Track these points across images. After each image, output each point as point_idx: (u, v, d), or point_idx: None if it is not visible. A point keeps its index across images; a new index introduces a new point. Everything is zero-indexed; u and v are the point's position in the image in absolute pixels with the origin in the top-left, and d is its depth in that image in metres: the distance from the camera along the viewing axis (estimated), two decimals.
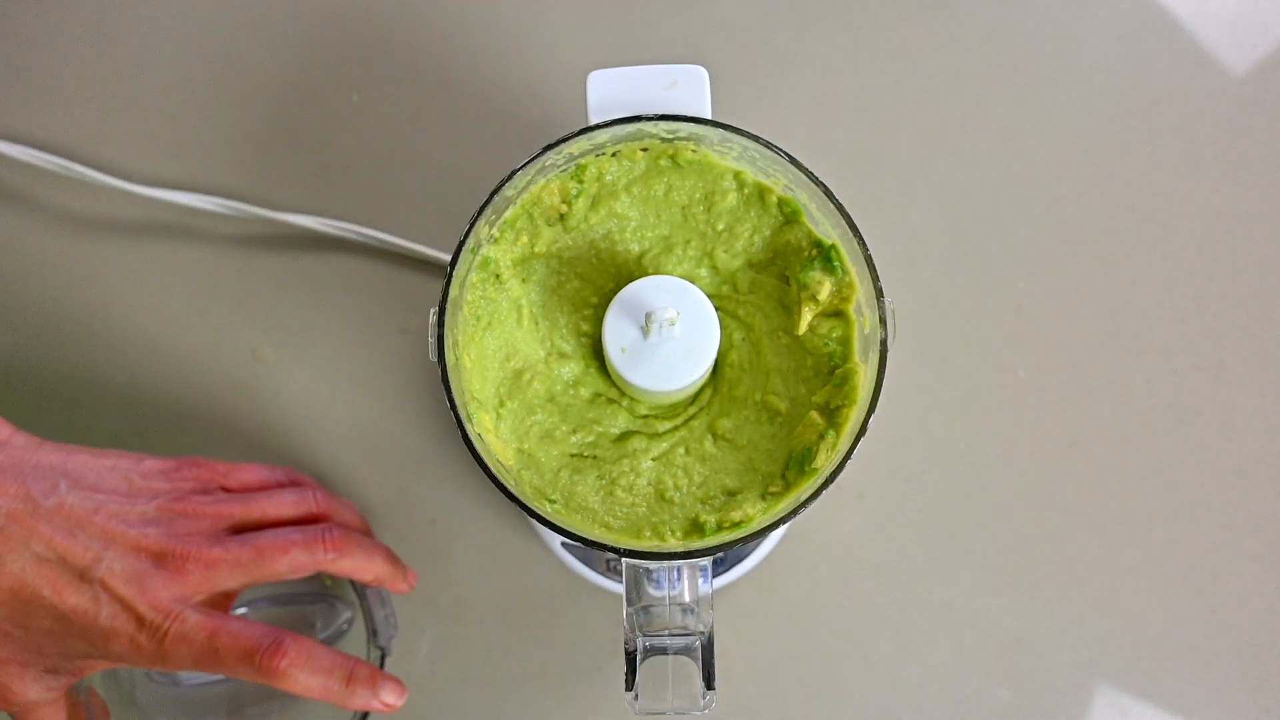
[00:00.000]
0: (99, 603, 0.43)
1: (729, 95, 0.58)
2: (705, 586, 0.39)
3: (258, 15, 0.60)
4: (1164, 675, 0.54)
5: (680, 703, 0.40)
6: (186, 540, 0.45)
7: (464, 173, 0.58)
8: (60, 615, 0.43)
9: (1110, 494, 0.55)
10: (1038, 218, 0.58)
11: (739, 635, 0.54)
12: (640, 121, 0.40)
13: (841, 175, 0.58)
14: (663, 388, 0.40)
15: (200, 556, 0.44)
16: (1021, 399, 0.56)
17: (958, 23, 0.60)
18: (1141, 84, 0.59)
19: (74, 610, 0.43)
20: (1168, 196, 0.58)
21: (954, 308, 0.57)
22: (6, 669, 0.44)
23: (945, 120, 0.59)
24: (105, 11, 0.60)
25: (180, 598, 0.44)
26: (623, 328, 0.40)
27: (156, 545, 0.44)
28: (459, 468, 0.56)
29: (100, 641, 0.43)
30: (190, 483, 0.48)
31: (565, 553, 0.54)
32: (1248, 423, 0.55)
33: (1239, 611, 0.54)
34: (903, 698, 0.54)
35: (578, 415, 0.42)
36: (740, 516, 0.39)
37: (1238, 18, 0.60)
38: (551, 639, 0.54)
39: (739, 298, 0.42)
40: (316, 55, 0.60)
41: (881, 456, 0.55)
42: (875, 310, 0.39)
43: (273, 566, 0.46)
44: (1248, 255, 0.57)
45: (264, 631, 0.44)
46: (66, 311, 0.57)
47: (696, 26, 0.60)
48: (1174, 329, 0.56)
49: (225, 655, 0.43)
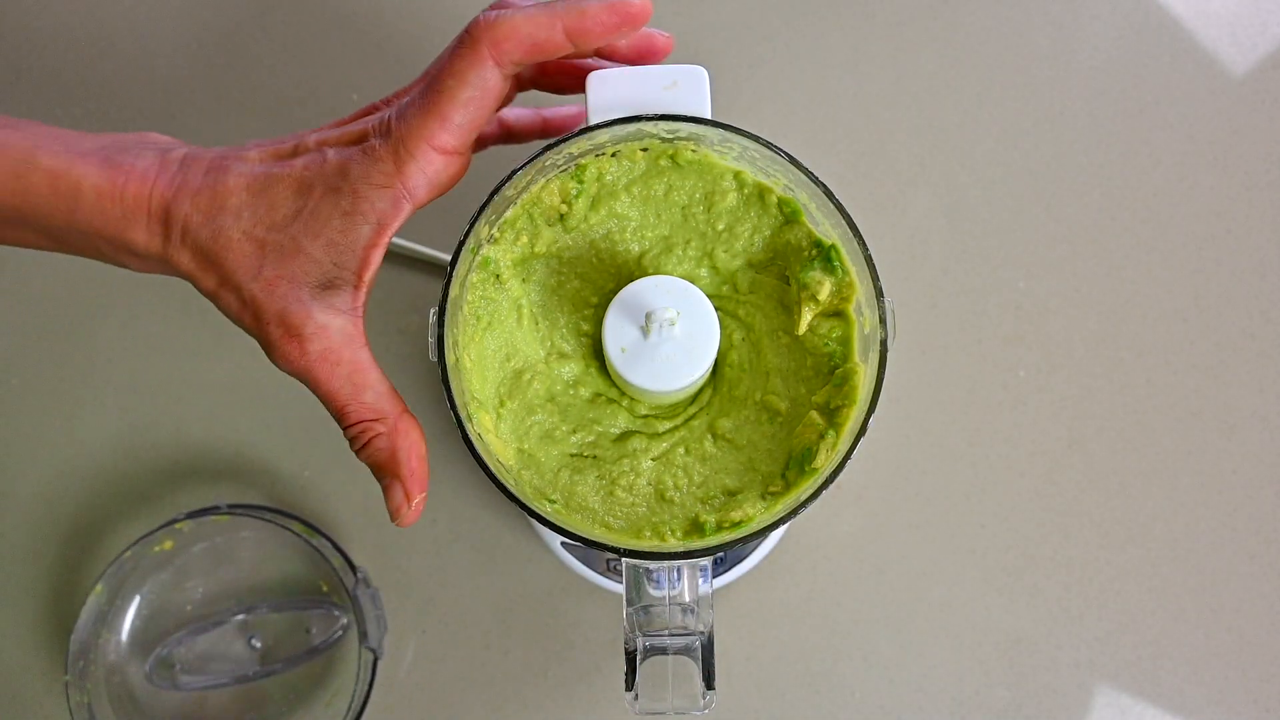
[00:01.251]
0: (323, 152, 0.40)
1: (729, 95, 0.58)
2: (705, 586, 0.39)
3: (258, 15, 0.60)
4: (1164, 675, 0.54)
5: (680, 703, 0.40)
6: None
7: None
8: (295, 182, 0.39)
9: (1110, 494, 0.55)
10: (1038, 218, 0.58)
11: (739, 635, 0.54)
12: (640, 122, 0.40)
13: (841, 175, 0.58)
14: (663, 388, 0.40)
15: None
16: (1021, 399, 0.56)
17: (958, 23, 0.60)
18: (1141, 84, 0.59)
19: (305, 168, 0.40)
20: (1168, 196, 0.58)
21: (954, 307, 0.57)
22: (276, 290, 0.39)
23: (945, 120, 0.59)
24: (105, 11, 0.60)
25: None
26: (623, 328, 0.40)
27: (357, 128, 0.41)
28: (459, 468, 0.56)
29: (338, 179, 0.39)
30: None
31: (565, 553, 0.54)
32: (1248, 423, 0.55)
33: (1239, 611, 0.54)
34: (903, 698, 0.54)
35: (577, 415, 0.42)
36: (740, 516, 0.39)
37: (1238, 18, 0.60)
38: (551, 639, 0.54)
39: (739, 298, 0.42)
40: (317, 54, 0.60)
41: (881, 456, 0.55)
42: (875, 310, 0.39)
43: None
44: (1248, 255, 0.57)
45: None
46: (67, 311, 0.57)
47: (696, 26, 0.60)
48: (1174, 329, 0.56)
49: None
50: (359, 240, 0.39)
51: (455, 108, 0.39)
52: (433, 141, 0.39)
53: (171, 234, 0.40)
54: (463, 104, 0.39)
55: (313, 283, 0.39)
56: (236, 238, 0.39)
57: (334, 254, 0.39)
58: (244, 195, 0.39)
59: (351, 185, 0.39)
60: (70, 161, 0.39)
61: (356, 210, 0.39)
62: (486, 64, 0.38)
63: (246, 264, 0.39)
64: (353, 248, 0.39)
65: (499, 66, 0.39)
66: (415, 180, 0.39)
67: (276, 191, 0.40)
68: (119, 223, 0.40)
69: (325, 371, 0.39)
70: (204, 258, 0.40)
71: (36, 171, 0.39)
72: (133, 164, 0.40)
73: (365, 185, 0.39)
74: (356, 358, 0.39)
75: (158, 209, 0.40)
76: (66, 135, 0.41)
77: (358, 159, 0.39)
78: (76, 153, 0.40)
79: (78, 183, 0.39)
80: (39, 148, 0.40)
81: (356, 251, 0.39)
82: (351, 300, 0.39)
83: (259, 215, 0.39)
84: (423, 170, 0.39)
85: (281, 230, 0.39)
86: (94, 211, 0.40)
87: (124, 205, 0.39)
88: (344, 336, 0.39)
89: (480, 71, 0.39)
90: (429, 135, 0.39)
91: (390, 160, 0.39)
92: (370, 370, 0.40)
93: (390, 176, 0.39)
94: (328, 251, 0.39)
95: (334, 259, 0.39)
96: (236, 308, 0.40)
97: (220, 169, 0.40)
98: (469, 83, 0.39)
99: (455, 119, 0.39)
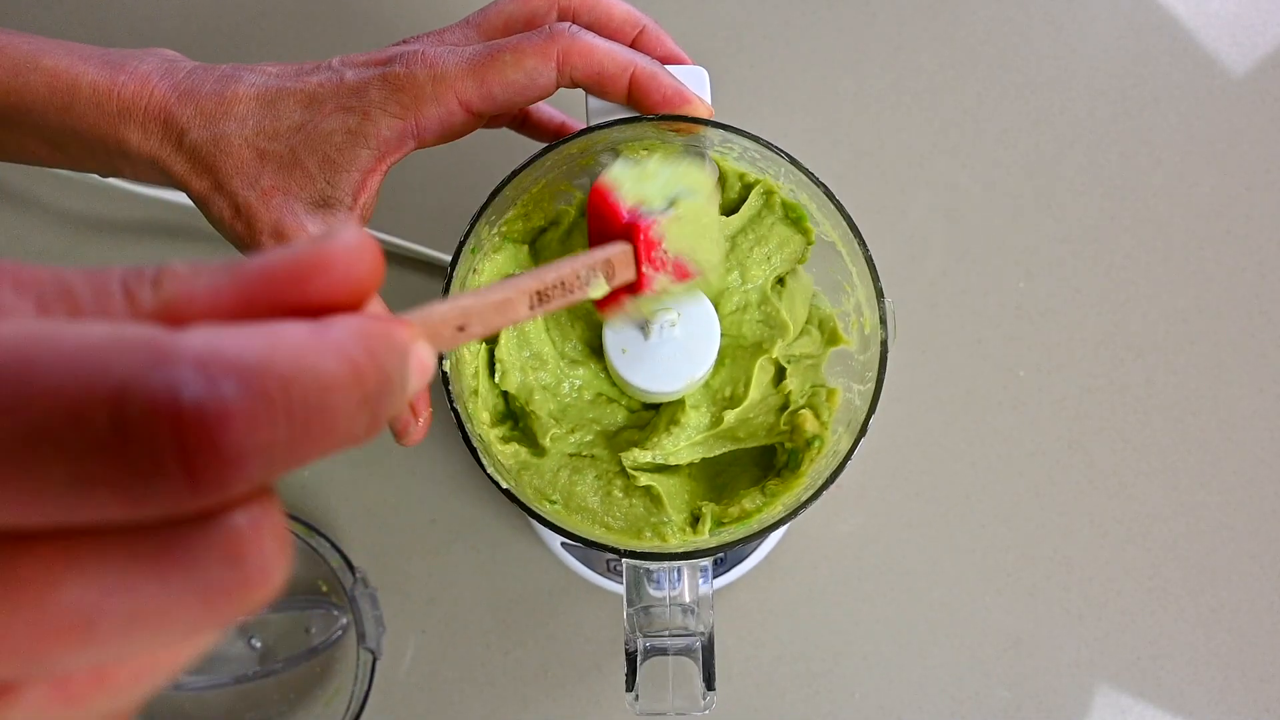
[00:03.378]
0: (341, 71, 0.40)
1: (729, 95, 0.58)
2: (705, 587, 0.39)
3: (258, 14, 0.60)
4: (1164, 675, 0.54)
5: (681, 703, 0.40)
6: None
7: (464, 173, 0.58)
8: (306, 96, 0.39)
9: (1110, 494, 0.55)
10: (1038, 218, 0.58)
11: (739, 635, 0.54)
12: (641, 122, 0.40)
13: (841, 175, 0.58)
14: (663, 389, 0.40)
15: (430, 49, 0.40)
16: (1021, 399, 0.56)
17: (958, 22, 0.60)
18: (1141, 84, 0.59)
19: (319, 84, 0.40)
20: (1168, 196, 0.58)
21: (954, 308, 0.57)
22: (272, 200, 0.39)
23: (945, 120, 0.59)
24: (105, 11, 0.60)
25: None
26: (624, 329, 0.40)
27: (384, 54, 0.41)
28: (459, 468, 0.56)
29: (351, 99, 0.39)
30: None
31: (565, 553, 0.54)
32: (1248, 423, 0.55)
33: (1239, 611, 0.54)
34: (903, 698, 0.54)
35: (577, 415, 0.42)
36: (739, 512, 0.39)
37: (1238, 18, 0.60)
38: (551, 639, 0.54)
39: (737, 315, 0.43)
40: (317, 54, 0.60)
41: (881, 456, 0.55)
42: (875, 310, 0.39)
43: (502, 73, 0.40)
44: (1248, 255, 0.57)
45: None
46: None
47: (696, 26, 0.60)
48: (1174, 329, 0.56)
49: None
50: (356, 162, 0.39)
51: (500, 82, 0.39)
52: (462, 96, 0.39)
53: (169, 136, 0.39)
54: (508, 83, 0.39)
55: (308, 199, 0.39)
56: (237, 144, 0.39)
57: (329, 171, 0.39)
58: (252, 104, 0.39)
59: (364, 106, 0.39)
60: (71, 62, 0.39)
61: (361, 131, 0.39)
62: (550, 63, 0.39)
63: (245, 171, 0.39)
64: (349, 169, 0.39)
65: (558, 71, 0.39)
66: (429, 121, 0.39)
67: (285, 103, 0.39)
68: (113, 120, 0.39)
69: None
70: (199, 161, 0.39)
71: (36, 71, 0.39)
72: (135, 66, 0.40)
73: (378, 110, 0.39)
74: None
75: (156, 109, 0.39)
76: (74, 44, 0.41)
77: (377, 84, 0.39)
78: (78, 55, 0.40)
79: (75, 80, 0.39)
80: (42, 51, 0.40)
81: (353, 174, 0.39)
82: (346, 221, 0.39)
83: (263, 124, 0.39)
84: (440, 116, 0.39)
85: (282, 140, 0.39)
86: (89, 107, 0.39)
87: (120, 103, 0.39)
88: None
89: (540, 65, 0.39)
90: (462, 89, 0.39)
91: (411, 93, 0.39)
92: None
93: (406, 109, 0.39)
94: (323, 168, 0.39)
95: (328, 177, 0.39)
96: (229, 215, 0.39)
97: (232, 78, 0.40)
98: (525, 69, 0.39)
99: (494, 89, 0.39)
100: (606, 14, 0.42)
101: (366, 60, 0.40)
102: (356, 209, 0.39)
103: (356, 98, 0.39)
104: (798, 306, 0.42)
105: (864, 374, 0.39)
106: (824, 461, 0.39)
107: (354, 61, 0.40)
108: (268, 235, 0.39)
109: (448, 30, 0.42)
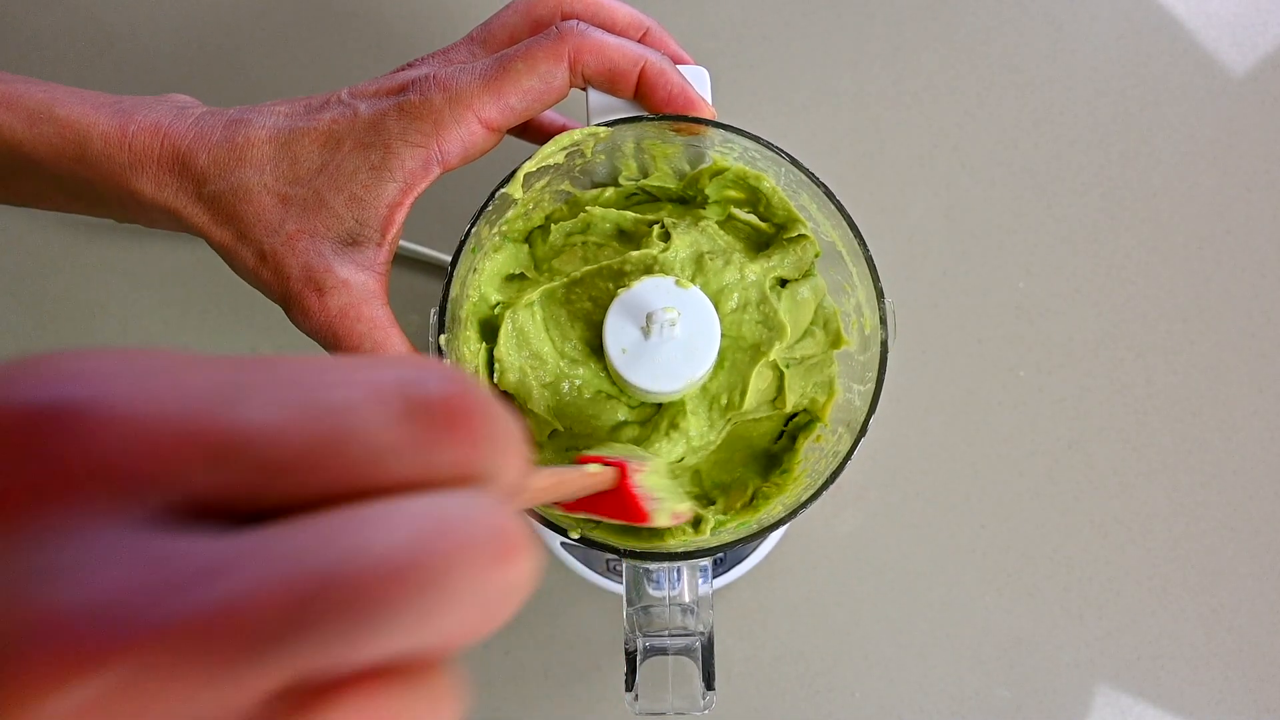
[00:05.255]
0: (354, 105, 0.39)
1: (729, 95, 0.58)
2: (705, 587, 0.39)
3: (258, 14, 0.60)
4: (1164, 675, 0.54)
5: (680, 703, 0.40)
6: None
7: (464, 173, 0.58)
8: (322, 136, 0.39)
9: (1110, 494, 0.55)
10: (1038, 218, 0.58)
11: (739, 635, 0.54)
12: (641, 122, 0.40)
13: (841, 175, 0.58)
14: (663, 388, 0.40)
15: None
16: (1021, 399, 0.56)
17: (958, 22, 0.60)
18: (1141, 84, 0.59)
19: (333, 121, 0.39)
20: (1168, 196, 0.58)
21: (954, 308, 0.57)
22: (298, 245, 0.39)
23: (945, 120, 0.59)
24: (105, 11, 0.60)
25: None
26: (624, 328, 0.40)
27: (395, 82, 0.40)
28: None
29: (370, 133, 0.39)
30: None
31: (565, 553, 0.54)
32: (1248, 423, 0.55)
33: (1239, 611, 0.54)
34: (903, 698, 0.54)
35: (577, 414, 0.42)
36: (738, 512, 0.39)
37: (1238, 18, 0.60)
38: (551, 639, 0.54)
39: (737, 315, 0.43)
40: (317, 56, 0.60)
41: (881, 456, 0.55)
42: (875, 310, 0.39)
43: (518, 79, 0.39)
44: (1247, 255, 0.57)
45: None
46: (67, 311, 0.57)
47: (696, 26, 0.60)
48: (1174, 329, 0.56)
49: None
50: (383, 197, 0.38)
51: (516, 91, 0.39)
52: (481, 114, 0.38)
53: (184, 186, 0.39)
54: (524, 90, 0.39)
55: (335, 238, 0.38)
56: (258, 192, 0.38)
57: (356, 209, 0.38)
58: (267, 148, 0.39)
59: (384, 140, 0.38)
60: (84, 111, 0.39)
61: (385, 166, 0.38)
62: (562, 64, 0.38)
63: (267, 219, 0.38)
64: (376, 204, 0.38)
65: (571, 71, 0.39)
66: (451, 146, 0.39)
67: (302, 145, 0.39)
68: (124, 171, 0.39)
69: (346, 328, 0.38)
70: (220, 211, 0.39)
71: (50, 122, 0.39)
72: (145, 115, 0.39)
73: (399, 142, 0.38)
74: (378, 315, 0.39)
75: (168, 158, 0.39)
76: (87, 93, 0.40)
77: (394, 114, 0.39)
78: (91, 104, 0.39)
79: (87, 131, 0.39)
80: (56, 100, 0.39)
81: (380, 209, 0.39)
82: (374, 257, 0.39)
83: (282, 169, 0.39)
84: (461, 138, 0.39)
85: (305, 184, 0.38)
86: (100, 158, 0.39)
87: (130, 153, 0.39)
88: (366, 293, 0.38)
89: (553, 67, 0.38)
90: (480, 107, 0.38)
91: (430, 120, 0.38)
92: (391, 328, 0.39)
93: (427, 136, 0.38)
94: (350, 207, 0.38)
95: (356, 215, 0.38)
96: (253, 263, 0.39)
97: (243, 122, 0.40)
98: (539, 73, 0.38)
99: (511, 101, 0.39)
100: (610, 17, 0.42)
101: (377, 90, 0.40)
102: (385, 243, 0.39)
103: (375, 132, 0.39)
104: (801, 311, 0.42)
105: (864, 374, 0.39)
106: (824, 461, 0.39)
107: (364, 93, 0.40)
108: (296, 280, 0.38)
109: (452, 49, 0.42)
